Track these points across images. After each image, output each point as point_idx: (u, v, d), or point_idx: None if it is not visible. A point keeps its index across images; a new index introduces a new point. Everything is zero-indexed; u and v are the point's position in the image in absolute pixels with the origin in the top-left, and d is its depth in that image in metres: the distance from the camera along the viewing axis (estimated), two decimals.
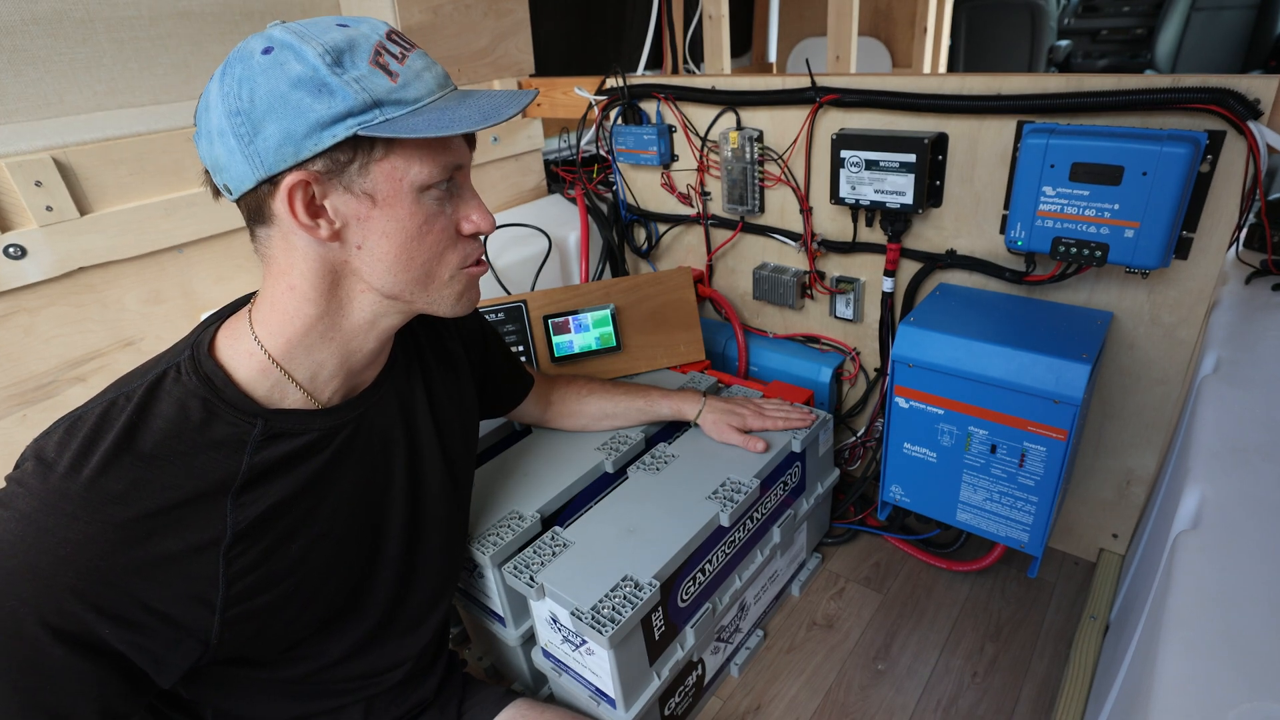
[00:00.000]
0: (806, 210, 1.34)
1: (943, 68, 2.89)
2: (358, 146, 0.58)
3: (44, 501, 0.54)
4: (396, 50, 0.60)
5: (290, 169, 0.57)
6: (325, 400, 0.69)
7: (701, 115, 1.41)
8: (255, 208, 0.60)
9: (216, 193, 0.63)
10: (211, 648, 0.62)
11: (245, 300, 0.69)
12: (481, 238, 0.70)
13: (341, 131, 0.56)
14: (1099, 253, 0.98)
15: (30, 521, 0.53)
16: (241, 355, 0.64)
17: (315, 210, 0.59)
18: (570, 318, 1.38)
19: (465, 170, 0.67)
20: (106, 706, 0.57)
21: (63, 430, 0.57)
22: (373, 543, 0.77)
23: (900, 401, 1.13)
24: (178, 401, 0.60)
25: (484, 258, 0.72)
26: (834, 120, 1.24)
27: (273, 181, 0.58)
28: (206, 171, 0.61)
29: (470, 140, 0.67)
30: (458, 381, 0.89)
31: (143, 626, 0.57)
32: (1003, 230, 1.16)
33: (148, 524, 0.57)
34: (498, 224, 1.48)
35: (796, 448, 1.17)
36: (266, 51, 0.56)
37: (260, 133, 0.56)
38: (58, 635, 0.54)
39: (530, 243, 1.55)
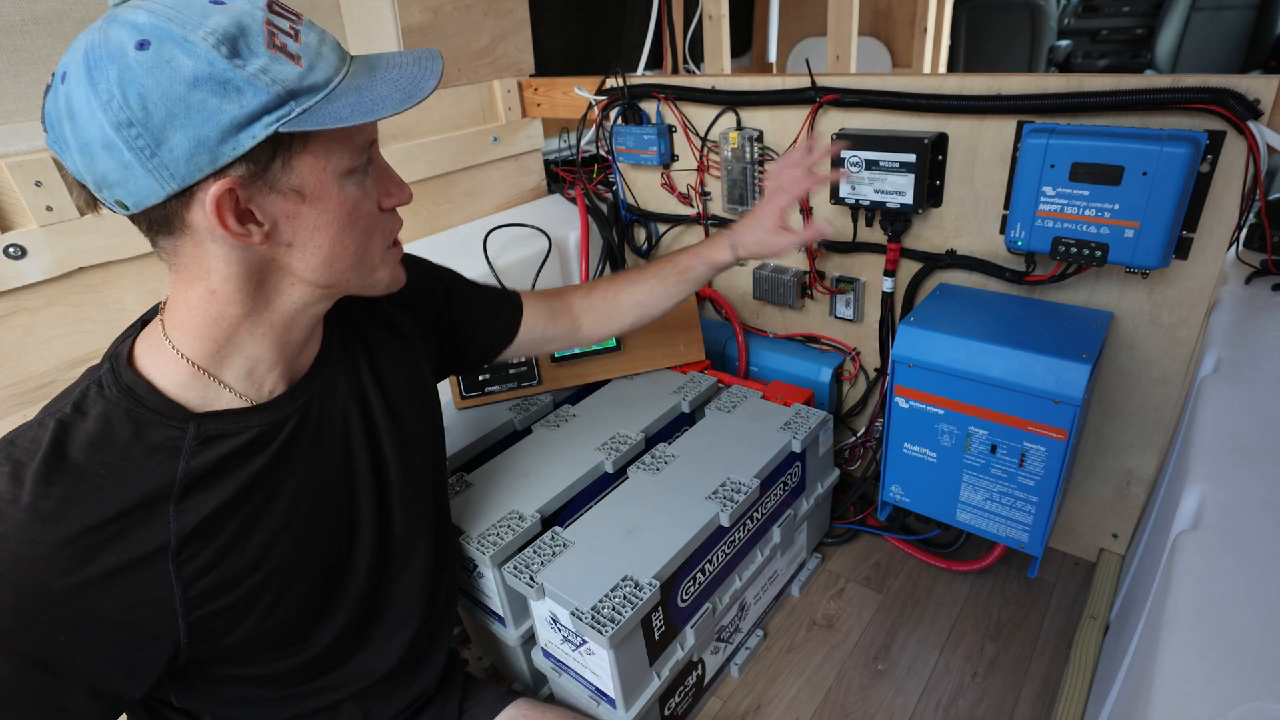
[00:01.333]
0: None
1: (943, 68, 2.89)
2: (277, 143, 0.54)
3: None
4: (285, 24, 0.55)
5: (207, 178, 0.53)
6: (265, 395, 0.67)
7: (701, 115, 1.41)
8: (162, 220, 0.56)
9: (91, 206, 0.57)
10: (184, 647, 0.61)
11: (155, 311, 0.66)
12: (398, 210, 0.69)
13: (260, 131, 0.52)
14: (1099, 253, 0.98)
15: None
16: (166, 363, 0.62)
17: (242, 215, 0.56)
18: None
19: (376, 144, 0.65)
20: None
21: None
22: (345, 529, 0.75)
23: (900, 401, 1.13)
24: (101, 416, 0.59)
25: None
26: (834, 120, 1.24)
27: (187, 193, 0.54)
28: (80, 185, 0.55)
29: None
30: (407, 350, 0.85)
31: (102, 636, 0.57)
32: (1003, 230, 1.16)
33: (87, 540, 0.55)
34: (498, 224, 1.50)
35: (796, 448, 1.17)
36: (142, 46, 0.49)
37: (164, 143, 0.50)
38: (6, 651, 0.53)
39: (530, 243, 1.55)
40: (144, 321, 0.67)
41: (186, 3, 0.51)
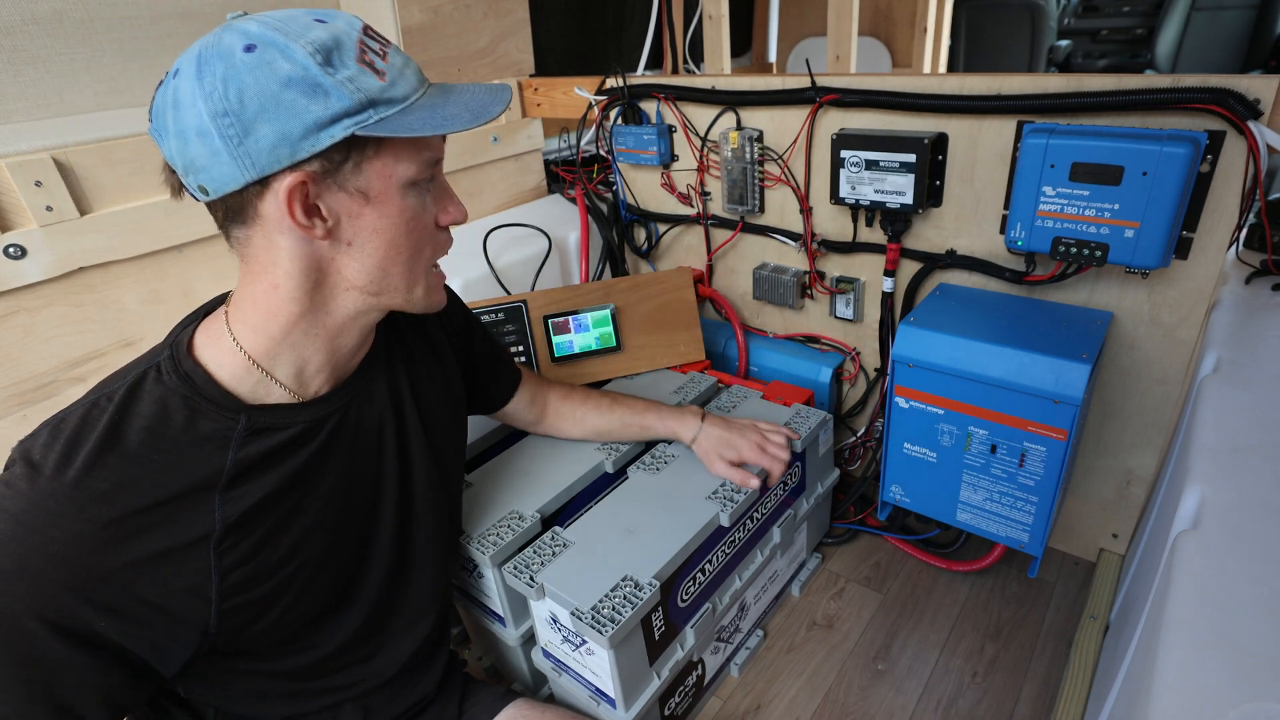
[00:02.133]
0: (806, 210, 1.34)
1: (943, 68, 2.90)
2: (352, 146, 0.59)
3: (31, 502, 0.55)
4: (376, 46, 0.60)
5: (283, 170, 0.57)
6: (311, 392, 0.69)
7: (701, 115, 1.41)
8: (237, 208, 0.60)
9: (177, 191, 0.61)
10: (210, 636, 0.63)
11: (220, 300, 0.70)
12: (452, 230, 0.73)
13: (339, 132, 0.57)
14: (1099, 253, 0.98)
15: (19, 522, 0.55)
16: (224, 354, 0.65)
17: (310, 209, 0.60)
18: (570, 318, 1.38)
19: (441, 164, 0.69)
20: (110, 697, 0.59)
21: (47, 432, 0.59)
22: (366, 531, 0.77)
23: (900, 401, 1.13)
24: (159, 401, 0.61)
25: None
26: (834, 120, 1.24)
27: (263, 183, 0.58)
28: (170, 170, 0.60)
29: (443, 135, 0.68)
30: (442, 369, 0.89)
31: (140, 619, 0.59)
32: (1003, 230, 1.16)
33: (135, 522, 0.58)
34: (498, 224, 1.50)
35: (797, 448, 1.17)
36: (249, 49, 0.55)
37: (251, 134, 0.55)
38: (55, 630, 0.55)
39: (530, 243, 1.55)
40: (206, 310, 0.69)
41: (293, 17, 0.58)
